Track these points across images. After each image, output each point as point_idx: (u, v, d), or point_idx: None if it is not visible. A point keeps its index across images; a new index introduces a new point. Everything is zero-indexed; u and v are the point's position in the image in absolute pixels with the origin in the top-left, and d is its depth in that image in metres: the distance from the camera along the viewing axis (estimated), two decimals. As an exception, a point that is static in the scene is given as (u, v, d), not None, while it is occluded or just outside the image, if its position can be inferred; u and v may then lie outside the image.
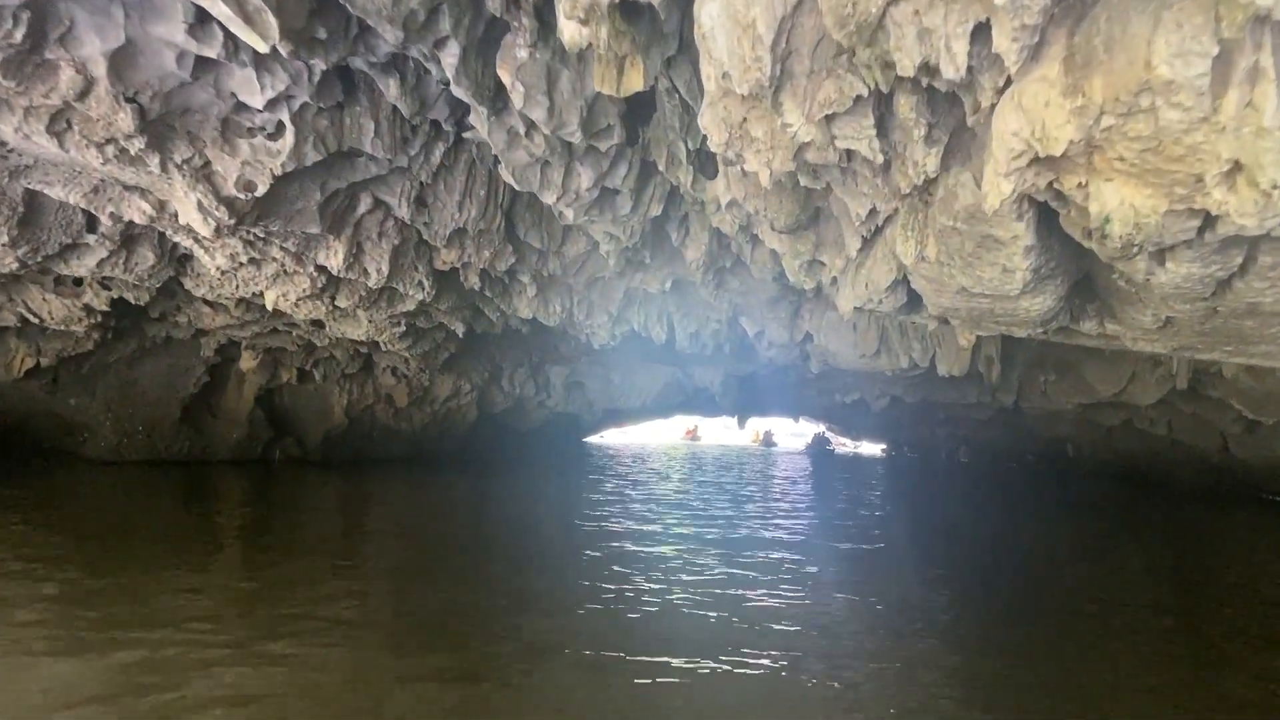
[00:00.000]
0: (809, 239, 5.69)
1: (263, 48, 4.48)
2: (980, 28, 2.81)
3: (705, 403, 21.57)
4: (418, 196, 7.47)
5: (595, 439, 34.81)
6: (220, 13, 4.42)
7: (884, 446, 35.62)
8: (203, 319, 10.83)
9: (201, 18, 4.81)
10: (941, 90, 3.32)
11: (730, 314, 10.51)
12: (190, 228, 6.63)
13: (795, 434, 41.13)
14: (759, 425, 40.49)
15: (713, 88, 3.85)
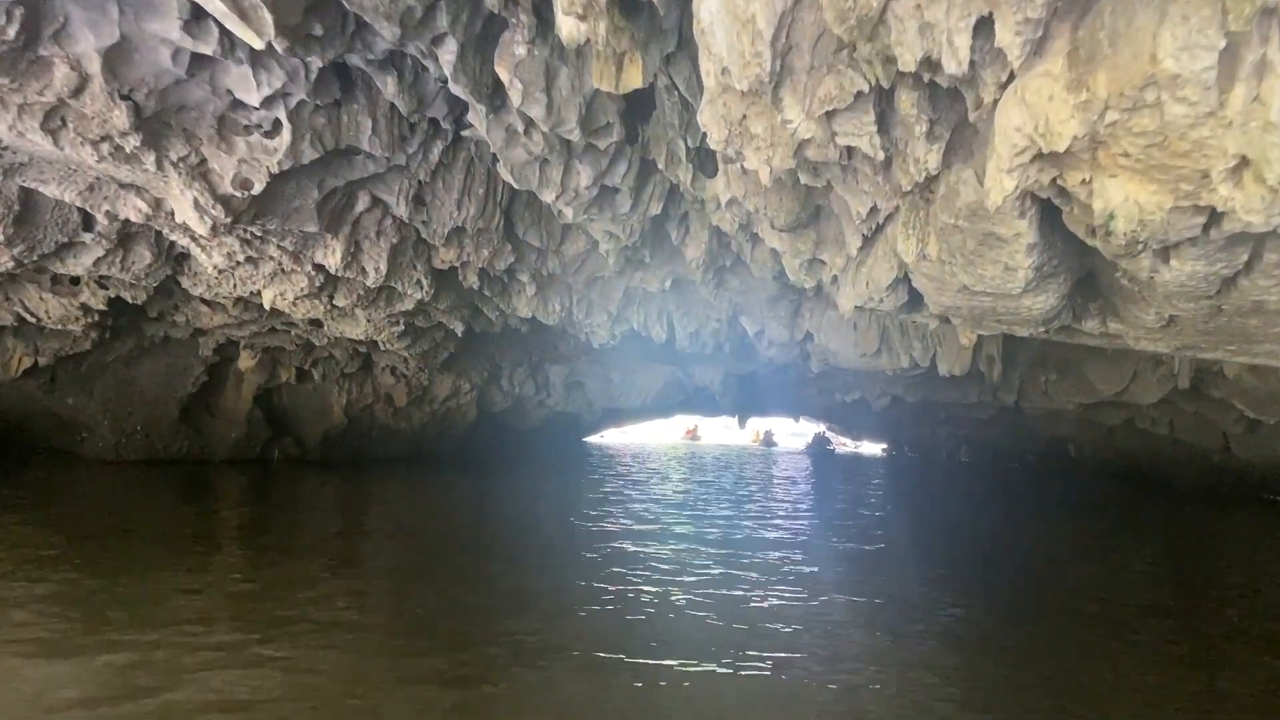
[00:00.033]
0: (809, 237, 5.65)
1: (258, 44, 4.44)
2: (983, 22, 2.77)
3: (705, 402, 21.54)
4: (416, 195, 7.43)
5: (595, 439, 34.78)
6: (215, 9, 4.39)
7: (884, 446, 35.61)
8: (201, 318, 10.79)
9: (197, 14, 4.77)
10: (943, 86, 3.28)
11: (730, 313, 10.48)
12: (187, 226, 6.59)
13: (795, 434, 41.06)
14: (759, 425, 40.44)
15: (712, 84, 3.81)
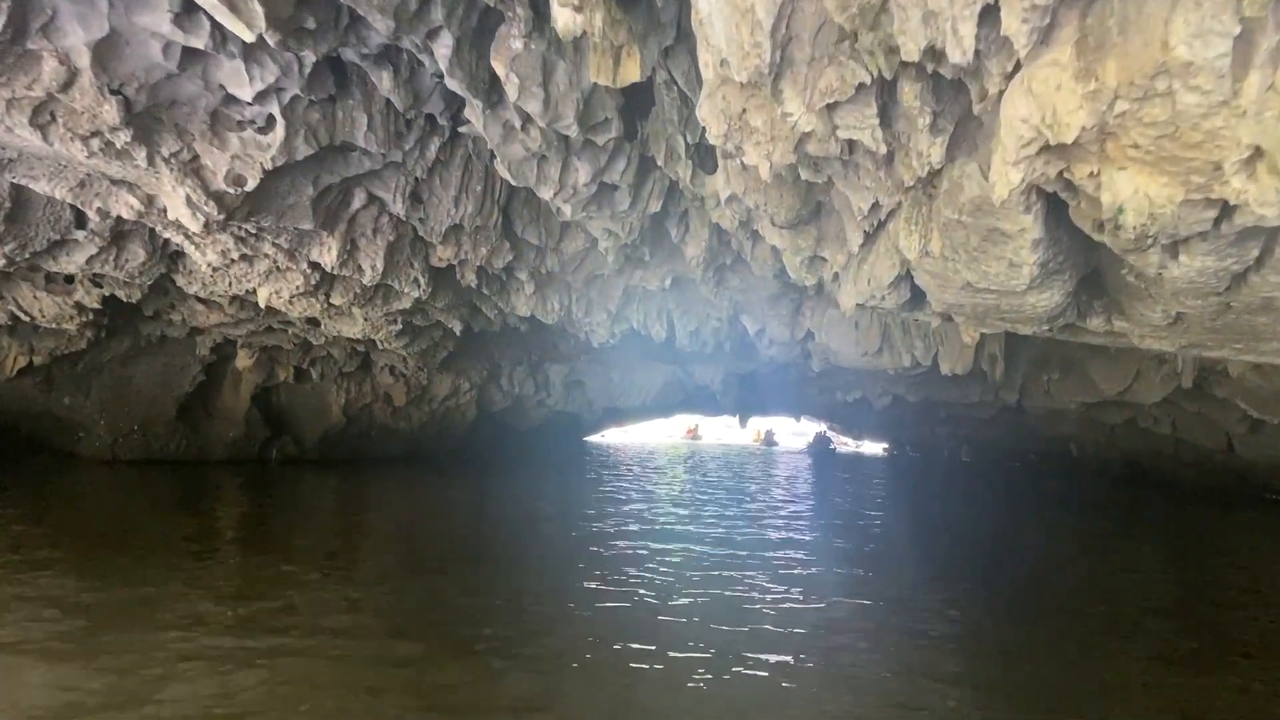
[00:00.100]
0: (810, 234, 5.58)
1: (249, 37, 4.37)
2: (988, 9, 2.69)
3: (706, 401, 21.46)
4: (413, 192, 7.35)
5: (596, 438, 34.75)
6: (206, 1, 4.32)
7: (886, 445, 35.55)
8: (197, 317, 10.72)
9: (188, 7, 4.69)
10: (947, 77, 3.21)
11: (731, 312, 10.41)
12: (179, 223, 6.52)
13: (796, 433, 41.02)
14: (760, 424, 40.44)
15: (711, 76, 3.74)
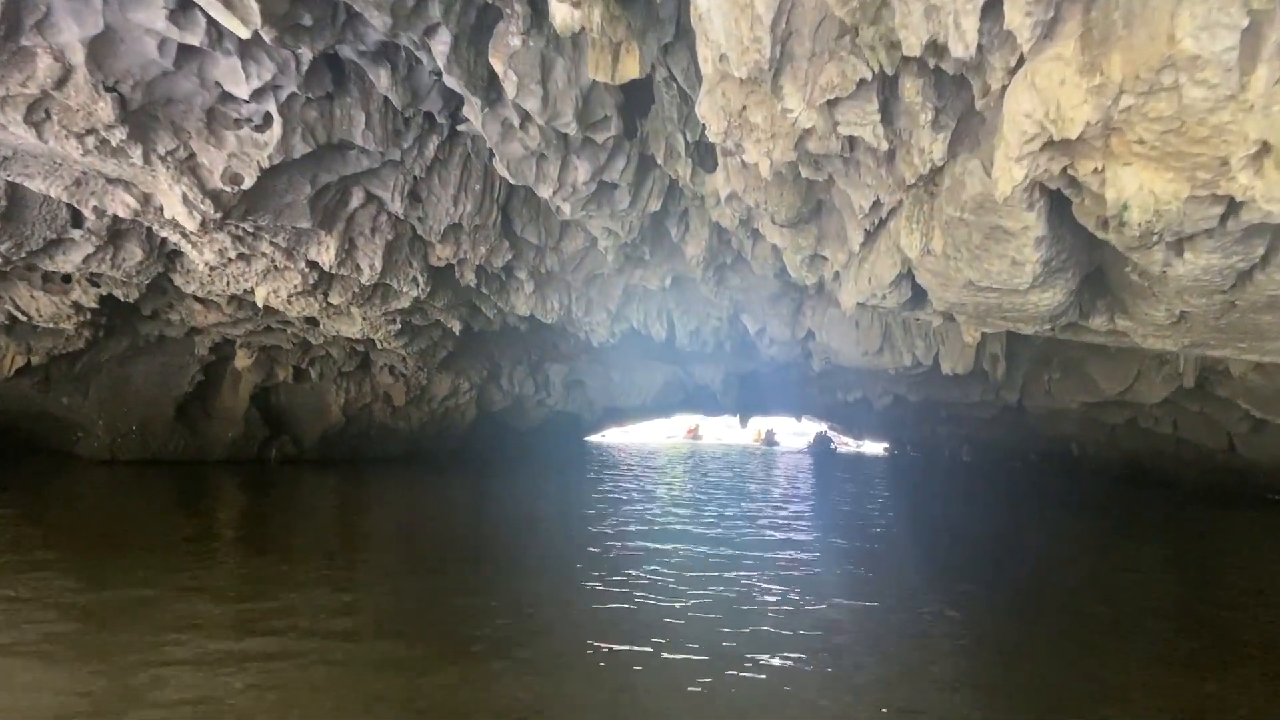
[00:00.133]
0: (810, 233, 5.54)
1: (244, 33, 4.33)
2: (991, 3, 2.66)
3: (706, 401, 21.42)
4: (411, 191, 7.32)
5: (596, 438, 34.71)
6: (201, -3, 4.29)
7: (886, 445, 35.49)
8: (195, 316, 10.68)
9: (183, 3, 4.65)
10: (949, 73, 3.17)
11: (731, 311, 10.37)
12: (176, 222, 6.48)
13: (797, 433, 40.98)
14: (761, 424, 40.38)
15: (710, 71, 3.70)
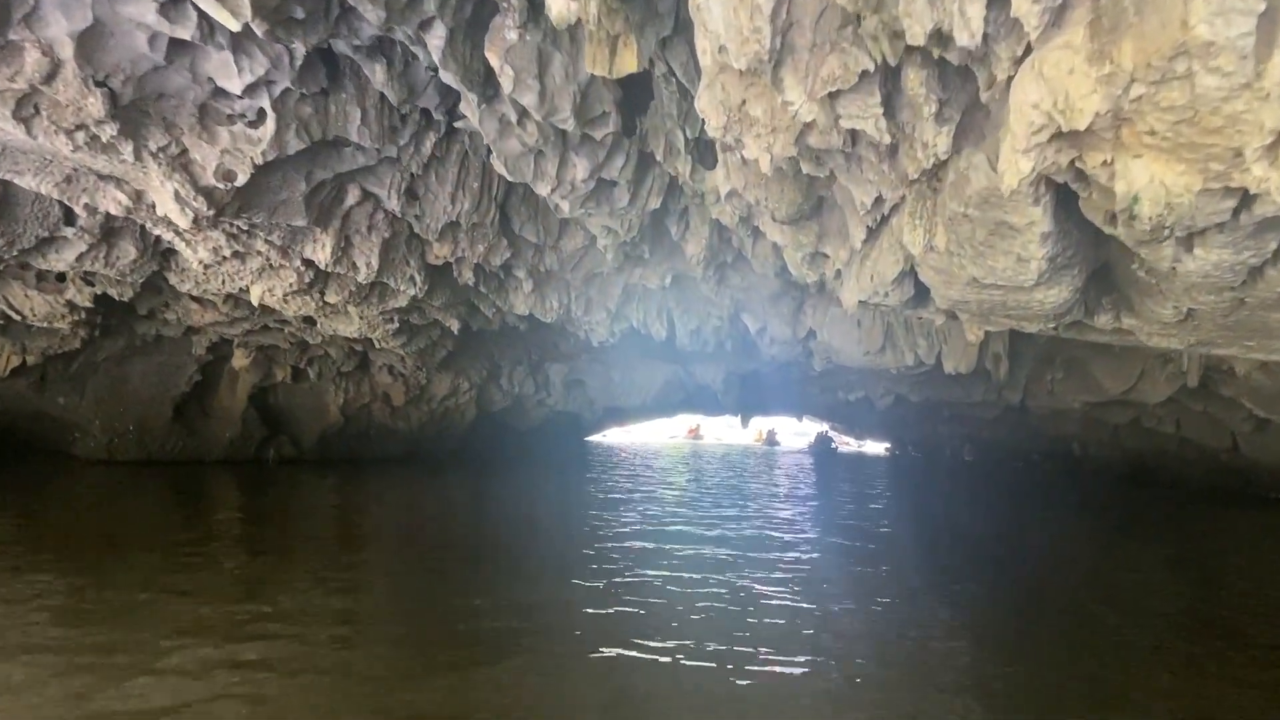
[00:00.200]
0: (811, 230, 5.46)
1: (234, 26, 4.25)
2: (997, -10, 2.58)
3: (707, 401, 21.33)
4: (408, 188, 7.24)
5: (597, 438, 34.65)
6: (191, -10, 4.21)
7: (888, 445, 35.39)
8: (191, 316, 10.60)
9: (174, -3, 4.59)
10: (953, 63, 3.09)
11: (732, 310, 10.29)
12: (169, 219, 6.40)
13: (798, 433, 40.92)
14: (762, 424, 40.32)
15: (709, 64, 3.63)
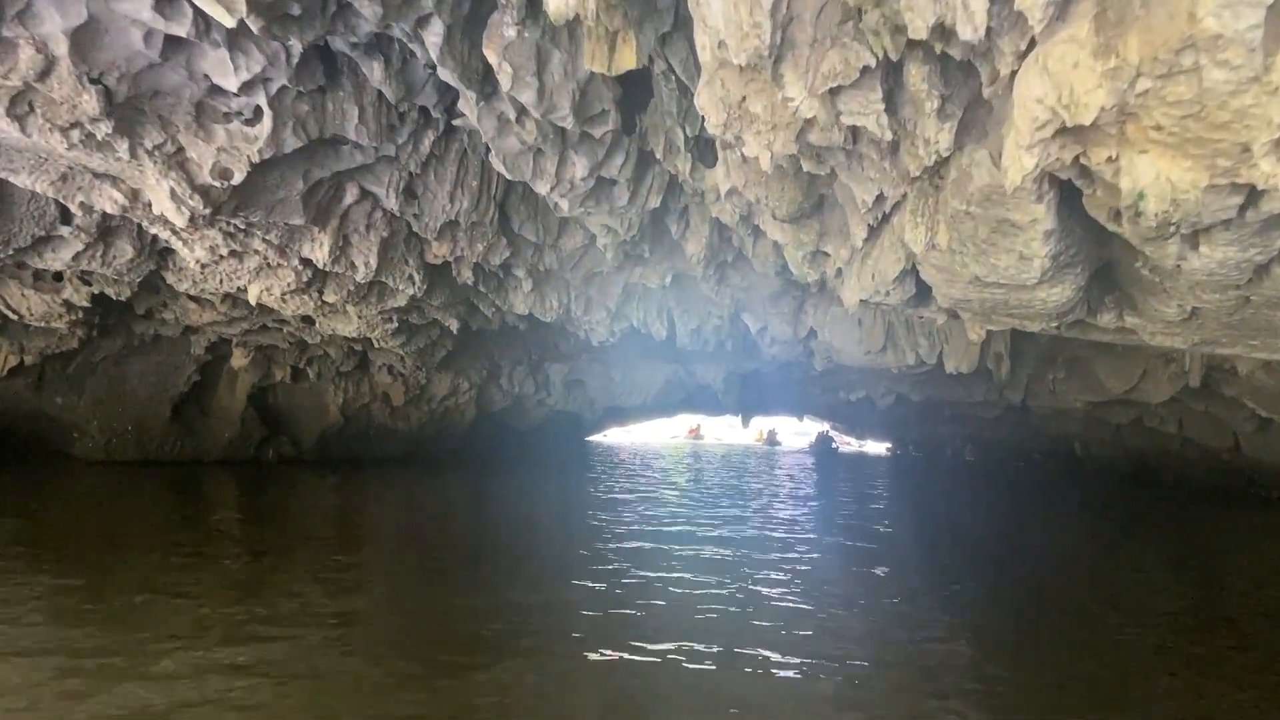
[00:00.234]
0: (812, 228, 5.43)
1: (229, 22, 4.22)
2: (1001, -18, 2.54)
3: (707, 400, 21.29)
4: (407, 187, 7.20)
5: (597, 438, 34.62)
6: (186, -14, 4.18)
7: (889, 445, 35.34)
8: (189, 315, 10.57)
9: (169, -7, 4.55)
10: (956, 58, 3.05)
11: (732, 309, 10.25)
12: (165, 218, 6.37)
13: (799, 433, 40.87)
14: (762, 424, 40.26)
15: (709, 59, 3.59)
